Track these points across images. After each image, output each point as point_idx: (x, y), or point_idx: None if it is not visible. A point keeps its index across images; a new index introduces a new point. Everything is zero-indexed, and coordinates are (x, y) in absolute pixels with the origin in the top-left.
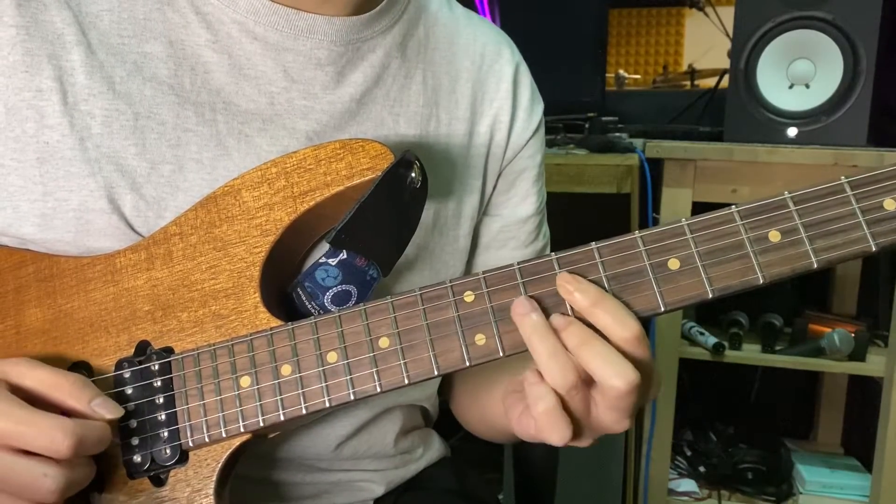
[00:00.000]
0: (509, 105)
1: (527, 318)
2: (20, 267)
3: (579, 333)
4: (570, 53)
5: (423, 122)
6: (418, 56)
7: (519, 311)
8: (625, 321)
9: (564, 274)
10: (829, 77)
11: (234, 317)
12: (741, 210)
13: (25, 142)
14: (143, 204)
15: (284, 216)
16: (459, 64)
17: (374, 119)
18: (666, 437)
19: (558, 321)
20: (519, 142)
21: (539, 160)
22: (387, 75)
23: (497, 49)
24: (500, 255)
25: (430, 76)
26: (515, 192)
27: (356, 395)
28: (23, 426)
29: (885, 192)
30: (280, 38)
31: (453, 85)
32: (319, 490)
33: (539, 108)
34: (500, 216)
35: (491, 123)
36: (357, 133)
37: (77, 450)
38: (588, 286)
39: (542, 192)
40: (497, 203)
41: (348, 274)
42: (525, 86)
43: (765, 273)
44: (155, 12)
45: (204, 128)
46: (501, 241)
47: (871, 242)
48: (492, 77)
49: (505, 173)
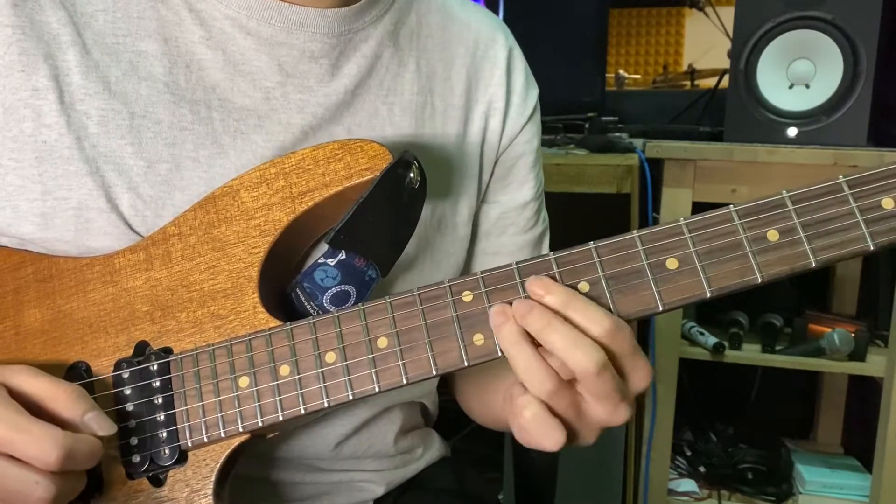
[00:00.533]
0: (503, 91)
1: (502, 329)
2: (19, 268)
3: (540, 317)
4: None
5: (418, 111)
6: (411, 44)
7: (495, 322)
8: (596, 318)
9: (533, 279)
10: (829, 77)
11: (232, 317)
12: (739, 209)
13: (23, 141)
14: (140, 203)
15: (283, 217)
16: (453, 50)
17: (368, 109)
18: (666, 437)
19: (520, 307)
20: (514, 128)
21: (536, 145)
22: (380, 65)
23: (491, 34)
24: (501, 242)
25: (423, 63)
26: (513, 178)
27: (355, 395)
28: (15, 433)
29: (883, 191)
30: (273, 33)
31: (447, 72)
32: (319, 490)
33: (534, 93)
34: (498, 203)
35: (485, 110)
36: (351, 124)
37: (65, 462)
38: (557, 287)
39: (539, 177)
40: (495, 190)
41: (347, 274)
42: (519, 71)
43: (763, 273)
44: (148, 10)
45: (200, 126)
46: (501, 227)
47: (870, 242)
48: (486, 63)
49: (502, 160)
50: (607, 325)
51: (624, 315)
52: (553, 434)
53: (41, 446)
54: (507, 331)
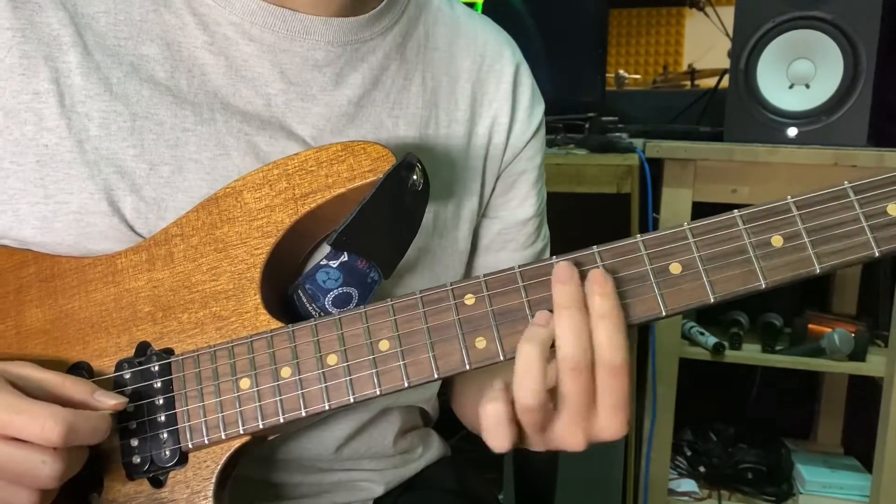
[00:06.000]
0: (508, 106)
1: (532, 329)
2: (21, 267)
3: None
4: (570, 53)
5: (423, 124)
6: (417, 56)
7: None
8: (619, 346)
9: (601, 273)
10: (829, 77)
11: (234, 318)
12: (744, 215)
13: (25, 145)
14: (143, 205)
15: (286, 218)
16: (459, 64)
17: (373, 122)
18: (666, 437)
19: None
20: (518, 144)
21: (538, 162)
22: (385, 77)
23: (498, 49)
24: (500, 258)
25: (429, 77)
26: (515, 193)
27: (356, 398)
28: (14, 414)
29: (888, 197)
30: (276, 40)
31: (453, 86)
32: (319, 490)
33: (539, 110)
34: (499, 218)
35: (490, 125)
36: (356, 137)
37: (68, 437)
38: (613, 295)
39: (541, 194)
40: (496, 205)
41: (349, 276)
42: (525, 86)
43: (767, 278)
44: (151, 14)
45: (202, 127)
46: (501, 243)
47: (875, 248)
48: (492, 77)
49: (504, 175)
50: (622, 358)
51: (627, 320)
52: (502, 439)
53: (43, 424)
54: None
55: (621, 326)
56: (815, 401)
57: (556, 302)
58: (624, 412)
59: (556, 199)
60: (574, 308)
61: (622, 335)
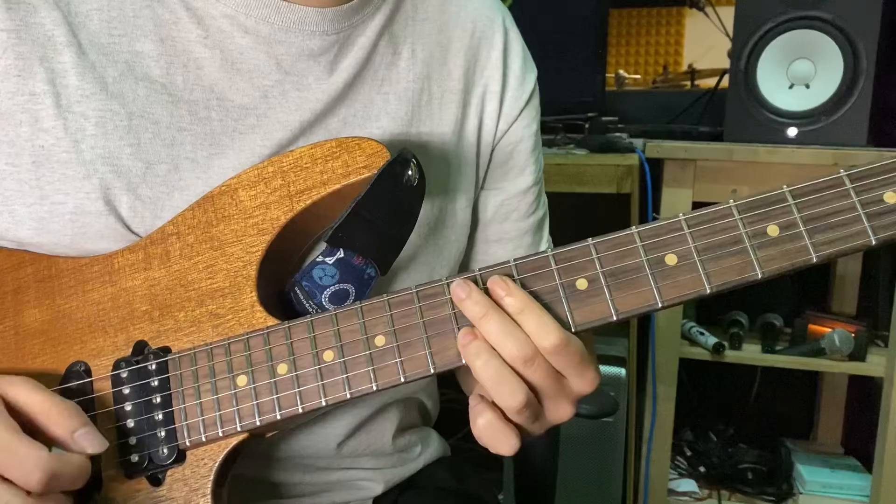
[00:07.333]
0: (500, 74)
1: (469, 348)
2: (19, 268)
3: (478, 305)
4: (570, 53)
5: (415, 98)
6: (406, 30)
7: (461, 342)
8: (548, 330)
9: (496, 279)
10: (829, 77)
11: (230, 316)
12: (739, 204)
13: (20, 146)
14: (139, 204)
15: (281, 215)
16: (451, 33)
17: (363, 100)
18: (666, 437)
19: (458, 291)
20: (512, 112)
21: (535, 129)
22: (375, 55)
23: (489, 15)
24: (504, 228)
25: (419, 48)
26: (513, 164)
27: (353, 394)
28: (2, 452)
29: (885, 184)
30: (271, 31)
31: (444, 56)
32: (318, 489)
33: (531, 77)
34: (499, 189)
35: (482, 94)
36: (346, 115)
37: (49, 485)
38: (518, 291)
39: (539, 161)
40: (496, 176)
41: (346, 273)
42: (516, 53)
43: (763, 268)
44: (144, 10)
45: (198, 126)
46: (503, 214)
47: (872, 236)
48: (483, 45)
49: (500, 146)
50: (555, 340)
51: (623, 312)
52: (507, 441)
53: (24, 468)
54: (473, 346)
55: (542, 310)
56: (815, 401)
57: (472, 316)
58: (590, 369)
59: (557, 200)
60: (490, 311)
61: (547, 316)
